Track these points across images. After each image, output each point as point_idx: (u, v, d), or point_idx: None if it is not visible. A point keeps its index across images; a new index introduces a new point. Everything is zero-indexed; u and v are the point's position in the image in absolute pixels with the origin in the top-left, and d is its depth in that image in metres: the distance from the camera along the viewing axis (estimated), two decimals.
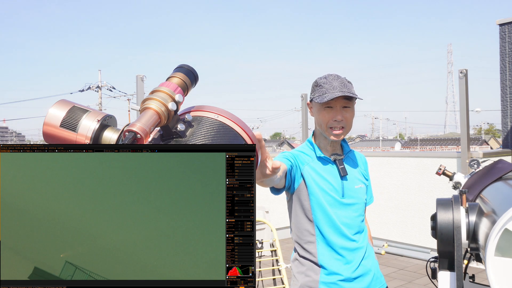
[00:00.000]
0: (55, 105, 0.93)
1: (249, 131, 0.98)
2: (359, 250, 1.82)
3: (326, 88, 1.76)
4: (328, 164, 1.83)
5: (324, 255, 1.78)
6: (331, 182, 1.80)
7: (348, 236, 1.79)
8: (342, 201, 1.80)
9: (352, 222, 1.81)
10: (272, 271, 4.31)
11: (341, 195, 1.80)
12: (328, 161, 1.83)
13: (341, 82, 1.77)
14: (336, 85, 1.76)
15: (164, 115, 0.89)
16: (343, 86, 1.76)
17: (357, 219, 1.83)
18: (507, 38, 6.08)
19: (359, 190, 1.86)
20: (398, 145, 31.03)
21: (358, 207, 1.84)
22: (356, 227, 1.82)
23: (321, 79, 1.81)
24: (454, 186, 2.35)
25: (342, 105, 1.78)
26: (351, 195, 1.82)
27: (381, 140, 47.64)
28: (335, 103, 1.78)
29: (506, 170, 1.76)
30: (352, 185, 1.84)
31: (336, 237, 1.78)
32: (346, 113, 1.80)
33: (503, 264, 1.13)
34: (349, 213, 1.81)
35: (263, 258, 4.66)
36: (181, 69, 0.99)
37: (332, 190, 1.79)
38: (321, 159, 1.84)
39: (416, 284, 4.59)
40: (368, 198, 1.98)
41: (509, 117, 6.14)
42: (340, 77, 1.80)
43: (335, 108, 1.78)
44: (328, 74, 1.82)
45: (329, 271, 1.76)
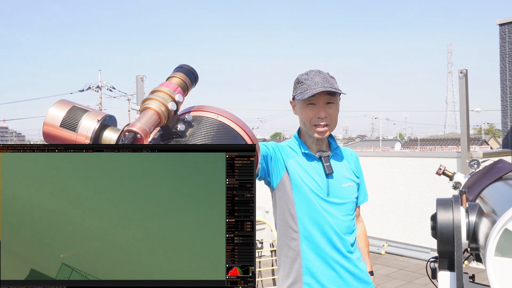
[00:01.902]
0: (55, 105, 0.93)
1: (249, 131, 0.98)
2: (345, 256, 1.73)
3: (308, 85, 1.69)
4: (313, 161, 1.76)
5: (307, 253, 1.71)
6: (316, 180, 1.73)
7: (333, 238, 1.71)
8: (327, 199, 1.73)
9: (338, 222, 1.73)
10: (272, 271, 4.30)
11: (326, 193, 1.73)
12: (313, 158, 1.76)
13: (323, 77, 1.71)
14: (317, 81, 1.69)
15: (164, 115, 0.89)
16: (325, 81, 1.69)
17: (344, 219, 1.75)
18: (507, 38, 6.08)
19: (347, 188, 1.78)
20: (398, 145, 31.03)
21: (346, 207, 1.77)
22: (343, 227, 1.74)
23: (303, 75, 1.75)
24: (454, 186, 2.35)
25: (325, 101, 1.72)
26: (336, 194, 1.75)
27: (381, 140, 47.64)
28: (318, 100, 1.71)
29: (506, 170, 1.76)
30: (339, 183, 1.76)
31: (320, 237, 1.71)
32: (330, 109, 1.73)
33: (503, 264, 1.13)
34: (335, 212, 1.73)
35: (263, 258, 4.66)
36: (181, 69, 0.99)
37: (316, 188, 1.72)
38: (306, 155, 1.77)
39: (416, 284, 4.59)
40: (362, 197, 1.90)
41: (509, 117, 6.14)
42: (322, 72, 1.74)
43: (318, 104, 1.72)
44: (309, 70, 1.76)
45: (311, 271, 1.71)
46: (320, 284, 1.71)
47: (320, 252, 1.72)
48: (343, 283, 1.73)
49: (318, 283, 1.71)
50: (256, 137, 1.01)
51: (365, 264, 1.87)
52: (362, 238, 1.99)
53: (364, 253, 1.93)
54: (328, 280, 1.72)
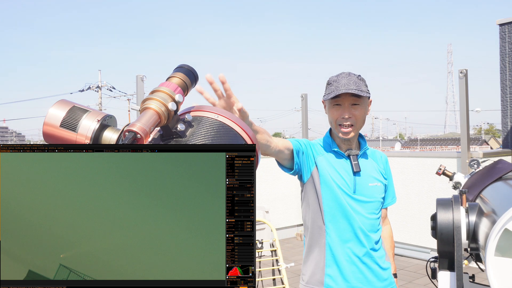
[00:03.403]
0: (55, 105, 0.93)
1: (249, 131, 0.98)
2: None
3: (335, 86, 1.77)
4: (342, 159, 1.83)
5: (331, 246, 1.78)
6: (344, 177, 1.80)
7: (359, 233, 1.78)
8: (354, 196, 1.79)
9: (363, 220, 1.79)
10: (272, 271, 4.30)
11: (353, 191, 1.79)
12: (342, 155, 1.83)
13: (349, 79, 1.77)
14: (343, 83, 1.76)
15: (164, 115, 0.89)
16: (351, 83, 1.76)
17: (369, 217, 1.81)
18: (507, 38, 6.08)
19: (374, 188, 1.84)
20: (398, 145, 31.00)
21: (372, 205, 1.82)
22: (368, 225, 1.80)
23: (333, 77, 1.83)
24: (454, 186, 2.35)
25: (350, 103, 1.78)
26: (363, 192, 1.81)
27: (381, 140, 47.62)
28: (343, 101, 1.78)
29: (506, 170, 1.76)
30: (366, 182, 1.82)
31: (344, 232, 1.77)
32: (355, 111, 1.79)
33: (503, 264, 1.13)
34: (361, 209, 1.79)
35: (263, 258, 4.65)
36: (181, 69, 0.99)
37: (343, 185, 1.79)
38: (335, 153, 1.84)
39: (416, 284, 4.59)
40: (389, 199, 1.96)
41: (509, 117, 6.14)
42: (351, 74, 1.80)
43: (344, 105, 1.79)
44: (341, 72, 1.83)
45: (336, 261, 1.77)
46: (343, 277, 1.77)
47: (344, 247, 1.78)
48: (364, 279, 1.79)
49: (341, 275, 1.77)
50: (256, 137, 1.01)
51: (389, 263, 1.91)
52: (388, 240, 2.04)
53: (389, 255, 1.98)
54: (350, 273, 1.78)
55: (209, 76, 1.08)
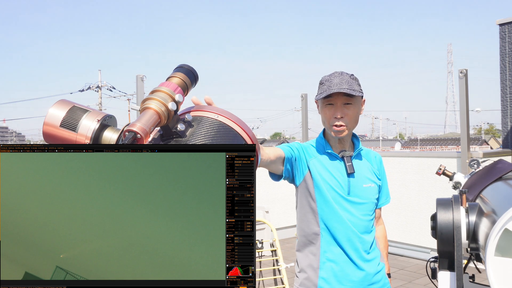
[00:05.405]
0: (55, 105, 0.93)
1: (249, 131, 0.98)
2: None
3: (327, 86, 1.75)
4: (335, 160, 1.81)
5: (325, 249, 1.77)
6: (337, 179, 1.78)
7: (352, 236, 1.77)
8: (348, 198, 1.78)
9: (357, 221, 1.78)
10: (272, 271, 4.30)
11: (347, 192, 1.78)
12: (335, 157, 1.81)
13: (341, 79, 1.75)
14: (336, 82, 1.74)
15: (164, 115, 0.89)
16: (344, 83, 1.74)
17: (363, 219, 1.80)
18: (507, 38, 6.08)
19: (368, 189, 1.83)
20: (398, 145, 31.03)
21: (365, 207, 1.81)
22: (361, 226, 1.79)
23: (326, 76, 1.80)
24: (454, 186, 2.35)
25: (343, 102, 1.76)
26: (357, 193, 1.79)
27: (381, 140, 47.66)
28: (336, 100, 1.76)
29: (506, 170, 1.76)
30: (360, 183, 1.81)
31: (338, 234, 1.76)
32: (348, 110, 1.77)
33: (503, 264, 1.13)
34: (354, 211, 1.78)
35: (263, 258, 4.65)
36: (181, 69, 0.99)
37: (337, 186, 1.77)
38: (329, 154, 1.82)
39: (416, 284, 4.59)
40: (383, 199, 1.95)
41: (509, 117, 6.14)
42: (343, 73, 1.78)
43: (336, 105, 1.76)
44: (334, 72, 1.81)
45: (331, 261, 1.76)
46: (336, 279, 1.77)
47: (338, 249, 1.77)
48: (357, 280, 1.78)
49: (335, 277, 1.76)
50: (256, 137, 1.01)
51: (383, 264, 1.90)
52: (382, 240, 2.03)
53: (383, 255, 1.97)
54: (344, 276, 1.77)
55: (195, 99, 1.07)
